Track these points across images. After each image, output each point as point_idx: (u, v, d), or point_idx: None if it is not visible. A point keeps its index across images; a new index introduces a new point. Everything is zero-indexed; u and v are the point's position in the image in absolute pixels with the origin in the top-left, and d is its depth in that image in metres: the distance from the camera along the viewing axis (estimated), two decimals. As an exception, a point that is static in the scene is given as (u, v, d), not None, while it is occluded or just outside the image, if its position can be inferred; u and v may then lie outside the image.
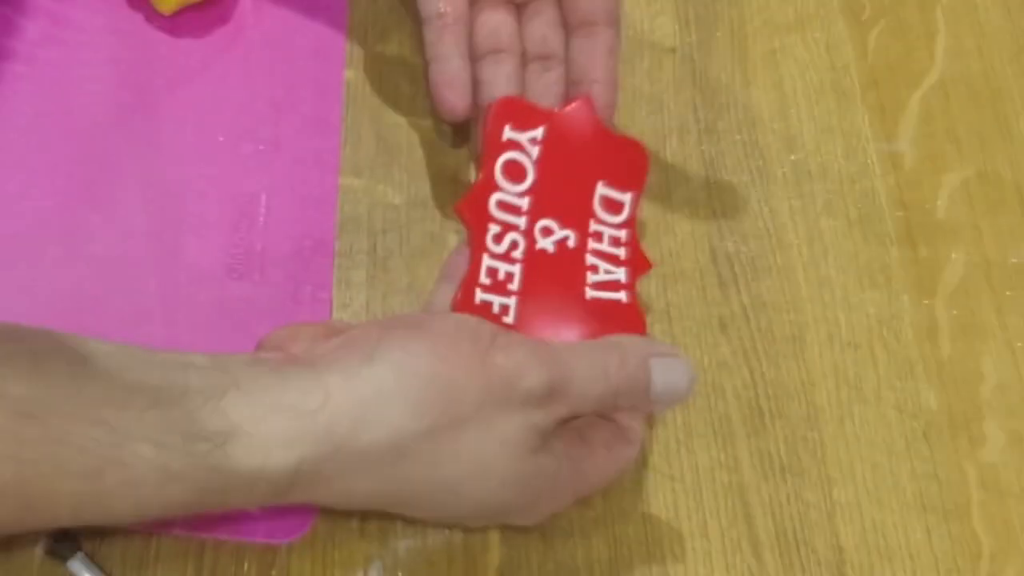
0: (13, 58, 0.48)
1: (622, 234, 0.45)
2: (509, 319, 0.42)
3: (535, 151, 0.45)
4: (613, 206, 0.46)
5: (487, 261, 0.43)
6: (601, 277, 0.44)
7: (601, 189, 0.46)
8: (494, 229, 0.43)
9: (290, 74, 0.50)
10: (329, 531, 0.41)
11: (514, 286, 0.43)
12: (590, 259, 0.44)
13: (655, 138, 0.52)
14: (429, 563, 0.41)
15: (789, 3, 0.56)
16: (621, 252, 0.45)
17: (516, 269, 0.43)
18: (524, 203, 0.44)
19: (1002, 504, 0.45)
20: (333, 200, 0.48)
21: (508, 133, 0.45)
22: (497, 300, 0.42)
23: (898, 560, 0.44)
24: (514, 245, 0.43)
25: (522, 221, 0.44)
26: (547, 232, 0.44)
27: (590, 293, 0.44)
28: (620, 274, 0.44)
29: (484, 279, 0.42)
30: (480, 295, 0.42)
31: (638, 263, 0.45)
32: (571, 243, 0.44)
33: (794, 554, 0.43)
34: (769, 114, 0.53)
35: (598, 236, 0.45)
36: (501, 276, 0.43)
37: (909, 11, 0.57)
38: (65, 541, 0.39)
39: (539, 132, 0.45)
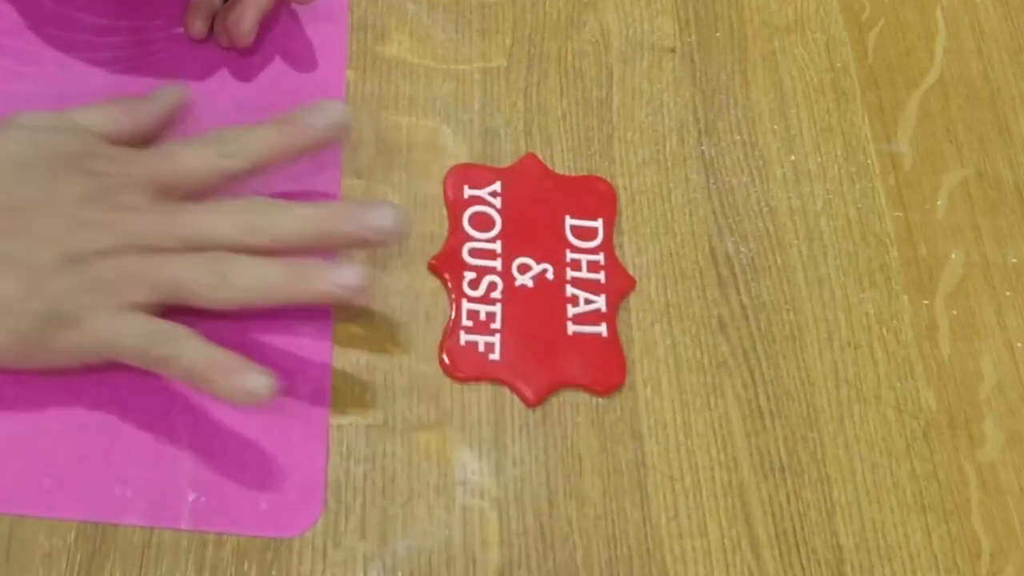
0: (15, 57, 0.48)
1: (600, 257, 0.47)
2: (495, 356, 0.45)
3: (497, 202, 0.48)
4: (586, 233, 0.48)
5: (466, 306, 0.46)
6: (581, 309, 0.46)
7: (571, 221, 0.48)
8: (469, 276, 0.46)
9: (290, 74, 0.50)
10: (329, 531, 0.41)
11: (496, 324, 0.45)
12: (570, 290, 0.47)
13: (655, 138, 0.52)
14: (429, 563, 0.41)
15: (788, 3, 0.57)
16: (600, 276, 0.47)
17: (497, 308, 0.46)
18: (497, 246, 0.47)
19: (1001, 503, 0.45)
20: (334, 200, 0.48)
21: (468, 191, 0.48)
22: (482, 340, 0.45)
23: (897, 560, 0.44)
24: (492, 286, 0.46)
25: (498, 263, 0.47)
26: (525, 269, 0.47)
27: (571, 328, 0.46)
28: (600, 302, 0.46)
29: (466, 322, 0.45)
30: (464, 336, 0.45)
31: (620, 283, 0.47)
32: (550, 276, 0.47)
33: (793, 554, 0.43)
34: (769, 114, 0.53)
35: (576, 264, 0.47)
36: (483, 317, 0.45)
37: (909, 11, 0.57)
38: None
39: (496, 186, 0.48)
